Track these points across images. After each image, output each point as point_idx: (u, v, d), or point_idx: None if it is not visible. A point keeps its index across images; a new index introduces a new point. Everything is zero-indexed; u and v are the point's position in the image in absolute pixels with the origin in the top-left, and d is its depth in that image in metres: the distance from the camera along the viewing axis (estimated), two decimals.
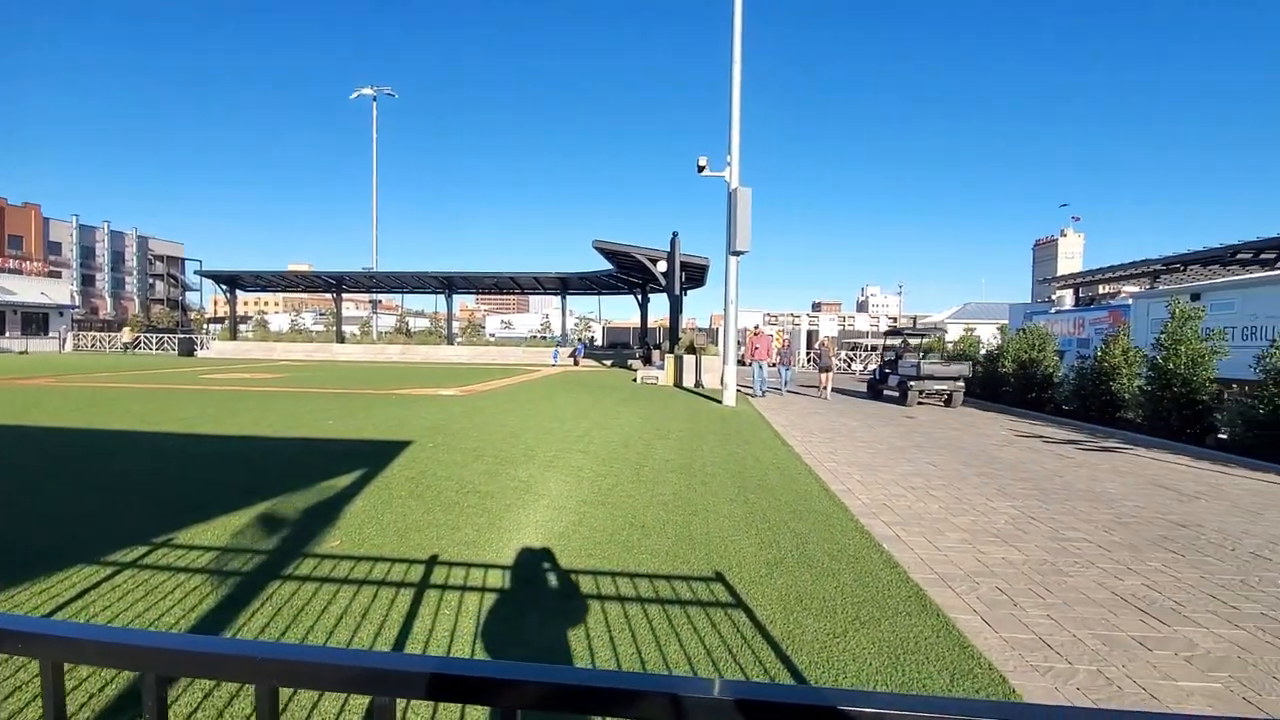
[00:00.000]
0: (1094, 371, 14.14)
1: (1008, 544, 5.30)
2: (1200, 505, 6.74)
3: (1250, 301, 12.17)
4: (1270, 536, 5.64)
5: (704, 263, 28.69)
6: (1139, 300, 16.24)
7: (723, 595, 3.99)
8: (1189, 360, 10.93)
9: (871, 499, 6.72)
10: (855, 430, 12.17)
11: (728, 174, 16.55)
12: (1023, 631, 3.66)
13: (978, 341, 23.97)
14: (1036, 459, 9.40)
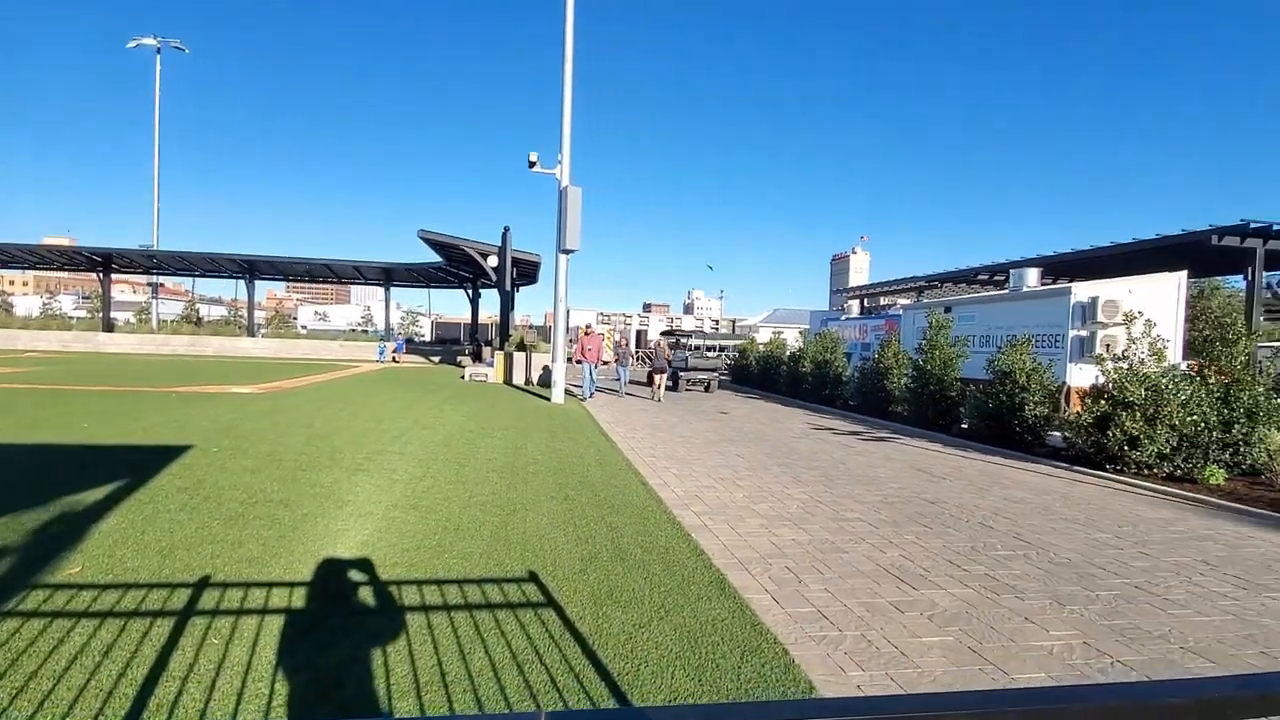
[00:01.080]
0: (873, 372, 16.06)
1: (798, 526, 5.81)
2: (946, 485, 7.91)
3: (985, 315, 14.55)
4: (993, 508, 6.76)
5: (535, 259, 28.38)
6: (907, 311, 18.72)
7: (535, 595, 3.93)
8: (941, 362, 12.81)
9: (685, 491, 7.05)
10: (675, 426, 12.72)
11: (559, 172, 16.51)
12: (805, 605, 4.02)
13: (784, 344, 26.24)
14: (826, 449, 10.46)
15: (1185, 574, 4.87)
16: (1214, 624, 3.96)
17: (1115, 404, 8.63)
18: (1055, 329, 12.08)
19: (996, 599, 4.25)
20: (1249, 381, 8.54)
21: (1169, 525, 6.32)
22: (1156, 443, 8.17)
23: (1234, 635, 3.81)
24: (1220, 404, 8.38)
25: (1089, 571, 4.85)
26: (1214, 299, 20.01)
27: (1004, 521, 6.24)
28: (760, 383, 23.90)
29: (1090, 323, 11.48)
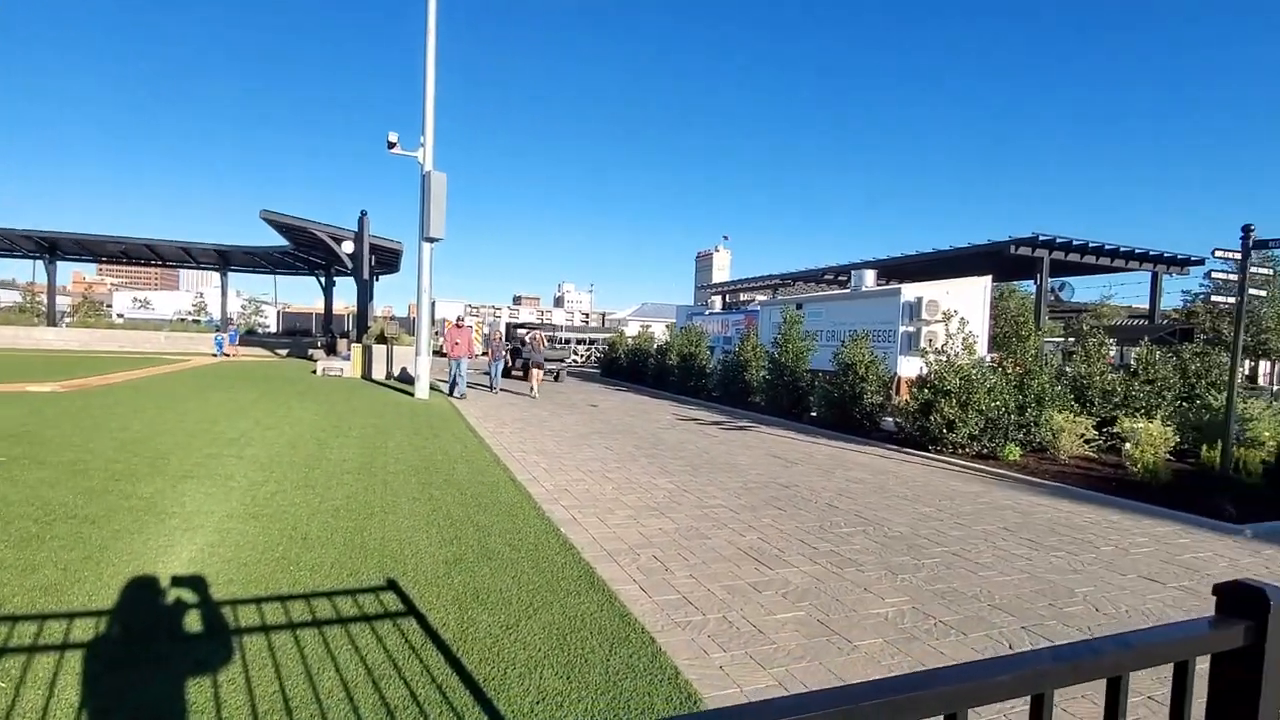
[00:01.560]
0: (734, 364, 16.85)
1: (665, 516, 5.96)
2: (798, 469, 8.48)
3: (831, 312, 15.79)
4: (838, 490, 7.34)
5: (396, 247, 26.81)
6: (764, 307, 19.87)
7: (394, 604, 3.71)
8: (794, 355, 13.71)
9: (555, 485, 6.98)
10: (545, 420, 12.58)
11: (421, 155, 15.67)
12: (671, 593, 4.12)
13: (652, 337, 26.83)
14: (692, 439, 10.82)
15: (991, 540, 5.57)
16: (1013, 582, 4.56)
17: (936, 392, 9.69)
18: (888, 325, 13.33)
19: (841, 573, 4.61)
20: (1038, 371, 9.93)
21: (978, 497, 7.20)
22: (968, 425, 9.28)
23: (1029, 591, 4.41)
24: (1016, 391, 9.67)
25: (916, 542, 5.41)
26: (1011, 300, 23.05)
27: (847, 501, 6.79)
28: (630, 375, 24.28)
29: (916, 320, 12.78)
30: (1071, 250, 16.70)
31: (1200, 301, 20.84)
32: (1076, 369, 11.47)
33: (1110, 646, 0.70)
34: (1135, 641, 0.71)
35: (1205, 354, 11.52)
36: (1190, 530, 6.14)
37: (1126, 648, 0.70)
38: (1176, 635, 0.74)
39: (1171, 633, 0.74)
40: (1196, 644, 0.75)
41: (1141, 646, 0.71)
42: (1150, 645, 0.72)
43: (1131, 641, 0.71)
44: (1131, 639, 0.72)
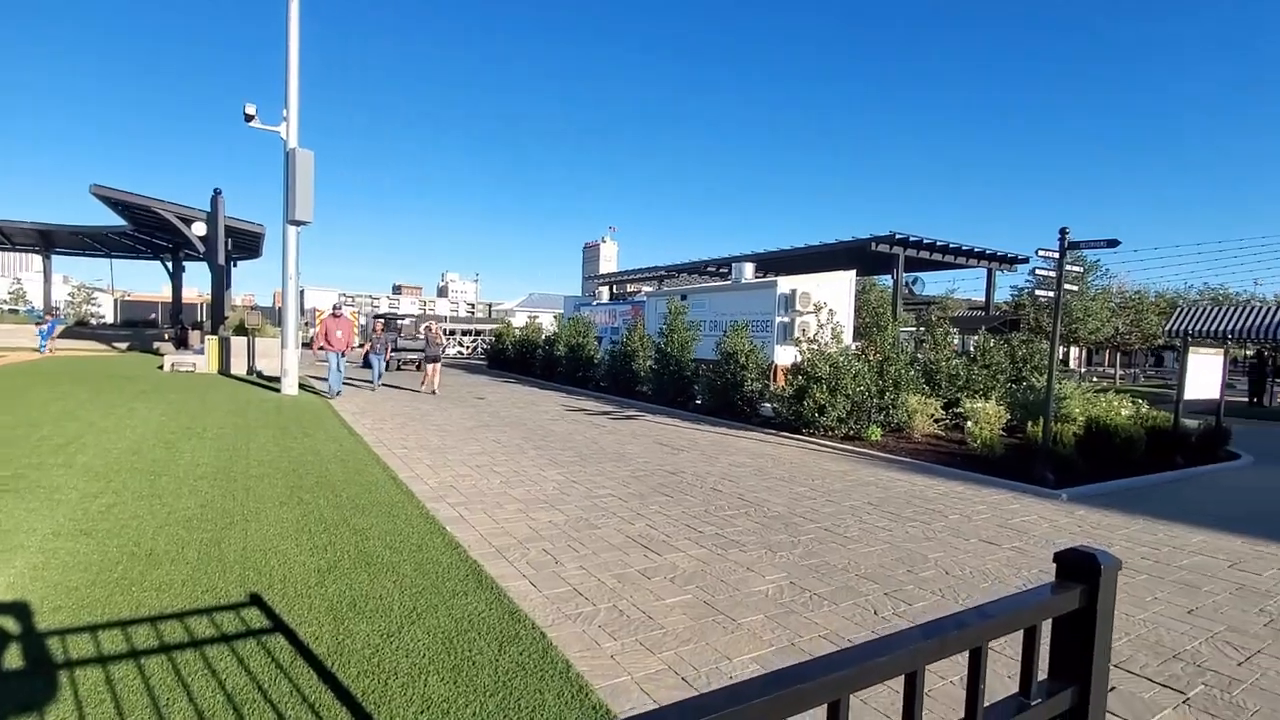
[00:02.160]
0: (621, 354, 16.98)
1: (554, 508, 5.89)
2: (684, 456, 8.70)
3: (714, 303, 16.31)
4: (722, 474, 7.61)
5: (257, 230, 24.57)
6: (650, 298, 20.17)
7: (259, 621, 3.39)
8: (679, 345, 14.03)
9: (439, 482, 6.70)
10: (429, 414, 12.06)
11: (284, 130, 14.41)
12: (561, 585, 4.08)
13: (540, 328, 26.47)
14: (580, 430, 10.79)
15: (858, 514, 5.99)
16: (877, 553, 4.93)
17: (809, 378, 10.28)
18: (766, 316, 13.95)
19: (725, 555, 4.77)
20: (895, 358, 10.80)
21: (846, 475, 7.73)
22: (837, 409, 9.93)
23: (890, 559, 4.79)
24: (877, 376, 10.47)
25: (793, 521, 5.71)
26: (872, 293, 24.93)
27: (730, 485, 7.05)
28: (517, 367, 23.82)
29: (791, 311, 13.48)
30: (923, 248, 18.31)
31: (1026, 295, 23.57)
32: (927, 356, 12.61)
33: (972, 619, 0.76)
34: (993, 612, 0.77)
35: (1030, 341, 13.07)
36: (1019, 497, 6.94)
37: (986, 619, 0.76)
38: (1028, 603, 0.81)
39: (1023, 601, 0.81)
40: (1043, 609, 0.82)
41: (999, 616, 0.77)
42: (1005, 614, 0.78)
43: (990, 612, 0.77)
44: (990, 610, 0.78)
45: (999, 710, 0.79)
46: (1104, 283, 26.91)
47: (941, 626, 0.75)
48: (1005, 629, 0.77)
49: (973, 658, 0.76)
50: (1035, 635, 0.82)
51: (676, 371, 14.20)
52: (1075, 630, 0.84)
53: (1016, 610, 0.79)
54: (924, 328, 17.80)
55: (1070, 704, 0.83)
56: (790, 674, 0.62)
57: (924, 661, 0.70)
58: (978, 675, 0.76)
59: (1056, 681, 0.84)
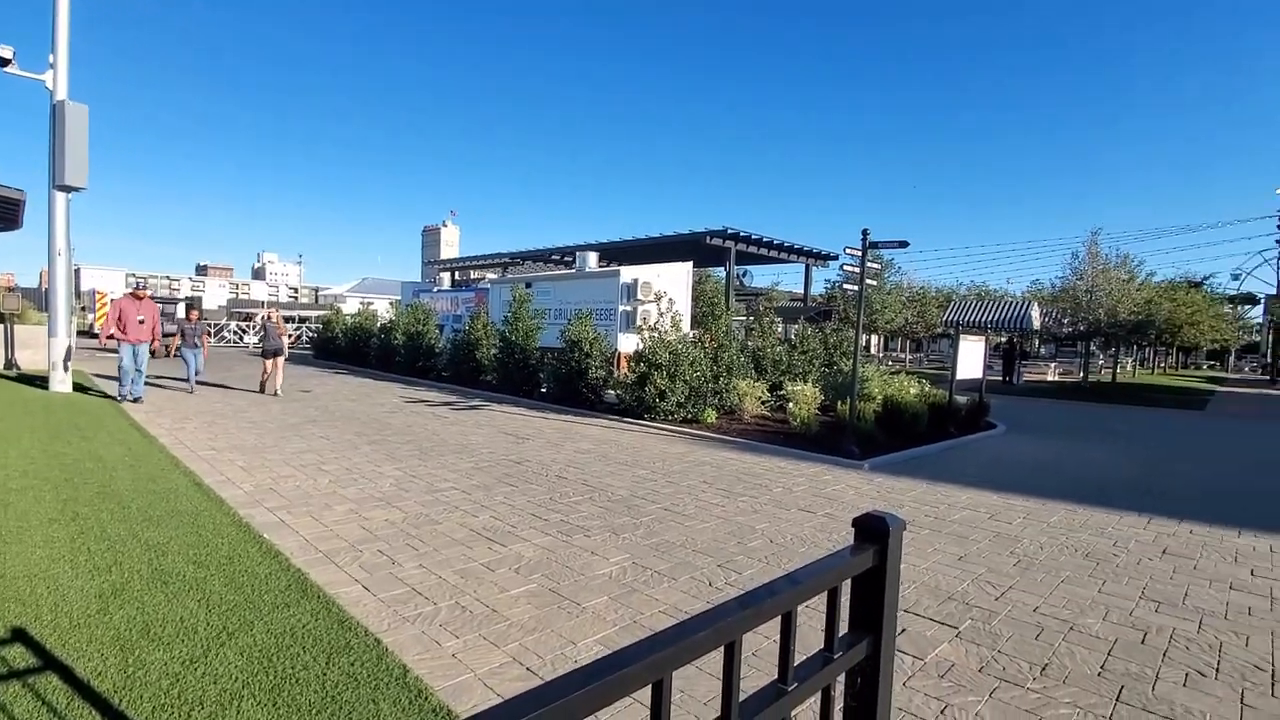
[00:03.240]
0: (464, 343, 16.36)
1: (391, 505, 5.54)
2: (530, 445, 8.59)
3: (558, 291, 16.24)
4: (567, 461, 7.62)
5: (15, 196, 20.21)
6: (494, 285, 19.60)
7: (24, 660, 2.82)
8: (524, 333, 13.81)
9: (256, 485, 6.02)
10: (244, 410, 10.77)
11: (51, 79, 11.99)
12: (399, 587, 3.85)
13: (375, 315, 24.66)
14: (421, 422, 10.24)
15: (694, 493, 6.31)
16: (711, 528, 5.23)
17: (650, 365, 10.62)
18: (609, 304, 14.17)
19: (570, 541, 4.79)
20: (728, 345, 11.50)
21: (684, 457, 8.11)
22: (676, 394, 10.37)
23: (723, 533, 5.10)
24: (712, 362, 11.07)
25: (635, 503, 5.88)
26: (707, 284, 26.29)
27: (575, 471, 7.09)
28: (349, 357, 22.04)
29: (633, 300, 13.81)
30: (751, 243, 19.65)
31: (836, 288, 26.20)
32: (755, 343, 13.57)
33: (784, 586, 0.82)
34: (801, 578, 0.84)
35: (839, 330, 14.57)
36: (831, 469, 7.73)
37: (795, 584, 0.83)
38: (830, 566, 0.89)
39: (827, 564, 0.89)
40: (843, 570, 0.91)
41: (806, 582, 0.85)
42: (812, 579, 0.86)
43: (799, 578, 0.84)
44: (798, 576, 0.85)
45: (808, 666, 0.87)
46: (897, 279, 30.74)
47: (756, 596, 0.80)
48: (812, 592, 0.85)
49: (784, 622, 0.83)
50: (837, 595, 0.91)
51: (522, 360, 13.96)
52: (870, 586, 0.94)
53: (821, 574, 0.88)
54: (753, 317, 19.15)
55: (867, 652, 0.94)
56: (609, 662, 0.63)
57: (741, 631, 0.75)
58: (789, 637, 0.83)
59: (856, 633, 0.95)
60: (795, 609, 0.83)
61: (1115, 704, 2.88)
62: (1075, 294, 21.71)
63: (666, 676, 0.66)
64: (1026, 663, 3.23)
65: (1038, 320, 23.81)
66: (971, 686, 2.99)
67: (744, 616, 0.75)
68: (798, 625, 0.88)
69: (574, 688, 0.57)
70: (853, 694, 0.97)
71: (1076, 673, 3.15)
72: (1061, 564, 4.69)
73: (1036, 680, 3.06)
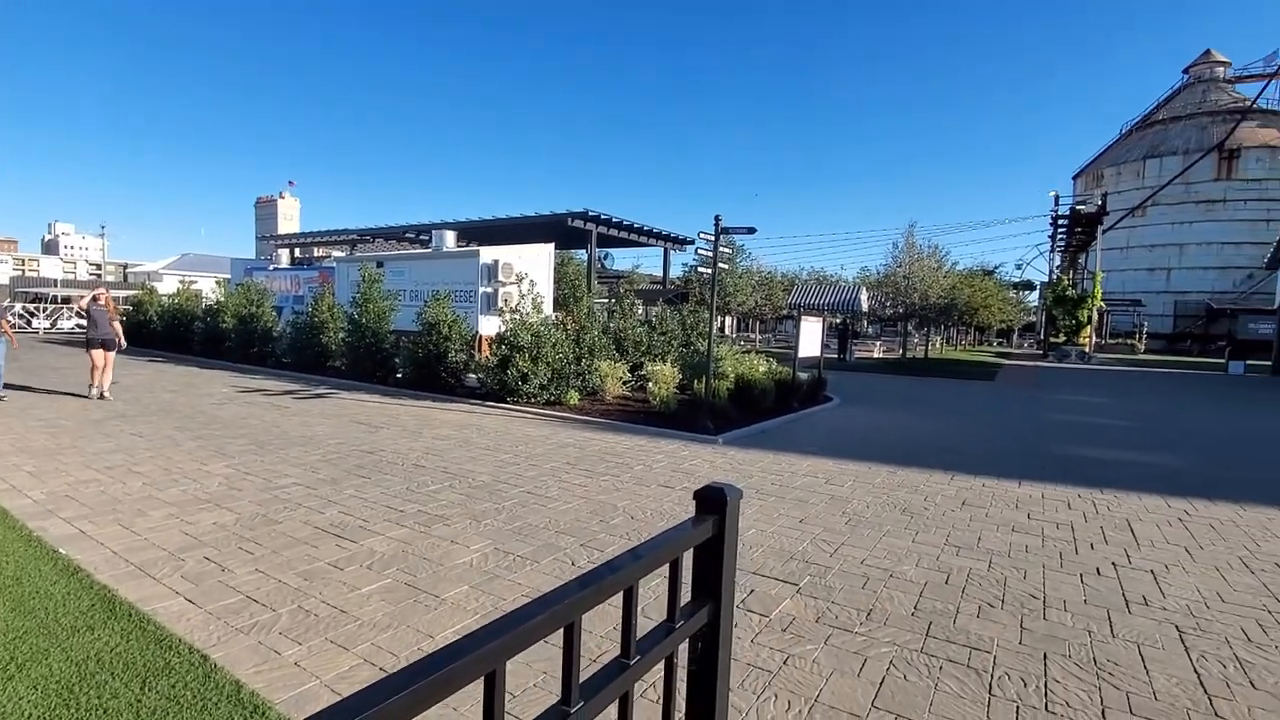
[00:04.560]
0: (308, 326, 15.00)
1: (221, 507, 4.98)
2: (384, 433, 8.10)
3: (414, 271, 15.35)
4: (426, 449, 7.29)
5: None
6: (341, 264, 18.09)
7: None
8: (376, 315, 12.94)
9: (48, 493, 5.14)
10: (31, 407, 9.13)
11: None
12: (230, 596, 3.48)
13: (198, 295, 21.84)
14: (257, 413, 9.28)
15: (557, 475, 6.30)
16: (574, 509, 5.26)
17: (512, 348, 10.41)
18: (469, 286, 13.65)
19: (428, 531, 4.60)
20: (590, 327, 11.55)
21: (548, 439, 8.07)
22: (539, 376, 10.26)
23: (585, 513, 5.15)
24: (575, 344, 11.08)
25: (497, 488, 5.76)
26: (570, 267, 26.19)
27: (434, 459, 6.80)
28: (166, 343, 19.41)
29: (494, 281, 13.41)
30: (612, 226, 19.80)
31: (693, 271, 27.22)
32: (616, 325, 13.76)
33: (626, 562, 0.84)
34: (644, 552, 0.87)
35: (695, 312, 15.16)
36: (689, 445, 8.07)
37: (636, 559, 0.85)
38: (672, 538, 0.93)
39: (669, 537, 0.93)
40: (685, 541, 0.95)
41: (648, 556, 0.87)
42: (654, 552, 0.89)
43: (641, 553, 0.86)
44: (641, 550, 0.87)
45: (650, 639, 0.90)
46: (748, 264, 32.55)
47: (598, 574, 0.81)
48: (654, 565, 0.88)
49: (626, 598, 0.85)
50: (678, 566, 0.95)
51: (374, 344, 13.08)
52: (710, 555, 1.00)
53: (663, 547, 0.91)
54: (614, 299, 19.37)
55: (708, 618, 0.99)
56: (439, 658, 0.61)
57: (579, 611, 0.76)
58: (631, 612, 0.85)
59: (698, 601, 1.00)
60: (636, 584, 0.86)
61: (925, 638, 3.30)
62: (895, 280, 24.29)
63: (500, 667, 0.65)
64: (855, 610, 3.60)
65: (866, 303, 26.38)
66: (810, 636, 3.28)
67: (583, 597, 0.76)
68: (644, 599, 0.91)
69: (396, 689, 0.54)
70: (694, 659, 1.02)
71: (895, 614, 3.56)
72: (884, 519, 5.27)
73: (863, 625, 3.43)
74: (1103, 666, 3.07)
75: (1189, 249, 53.05)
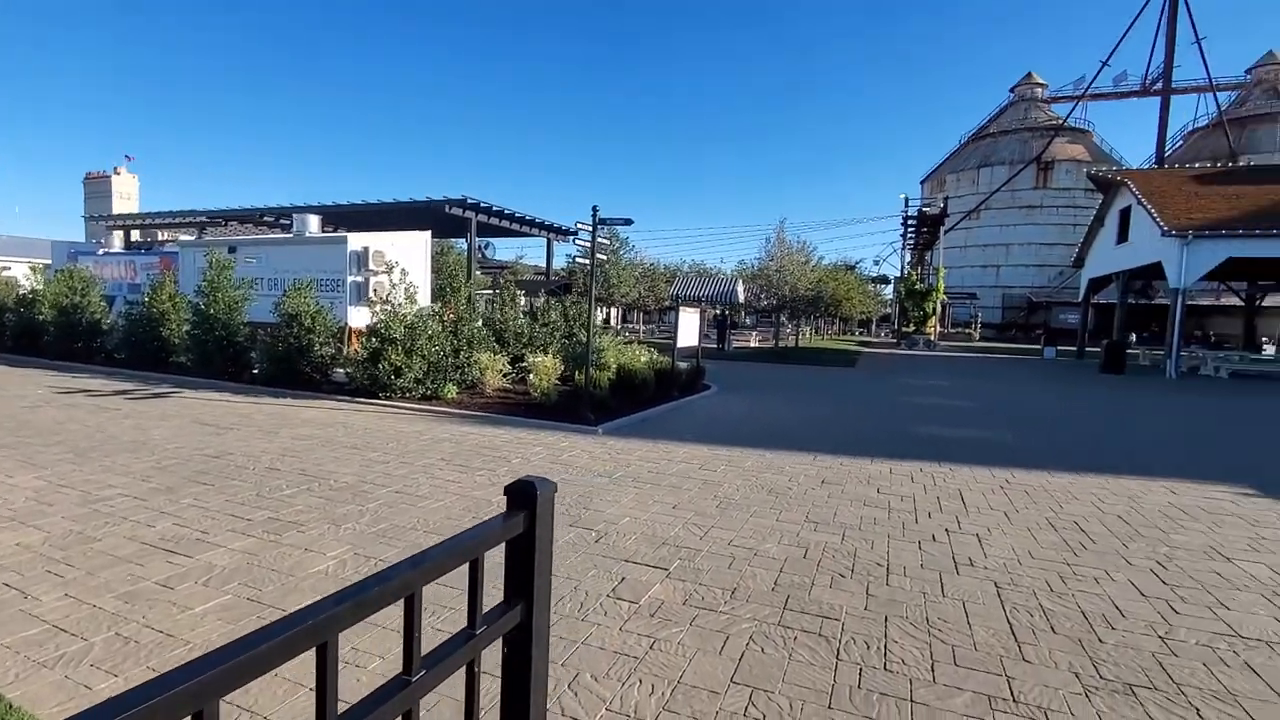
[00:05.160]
0: (145, 318, 13.32)
1: (25, 525, 4.30)
2: (233, 435, 7.36)
3: (273, 257, 14.03)
4: (282, 450, 6.70)
5: None
6: (185, 249, 16.19)
7: None
8: (227, 306, 11.72)
9: None
10: None
11: None
12: (33, 627, 3.01)
13: (11, 283, 18.72)
14: (79, 417, 8.11)
15: (430, 472, 6.03)
16: (445, 506, 5.05)
17: (384, 341, 9.82)
18: (336, 274, 12.71)
19: (279, 539, 4.22)
20: (469, 318, 11.16)
21: (422, 435, 7.70)
22: (414, 370, 9.77)
23: (458, 510, 4.96)
24: (452, 336, 10.65)
25: (362, 489, 5.41)
26: (449, 256, 25.19)
27: (291, 461, 6.27)
28: None
29: (364, 270, 12.58)
30: (493, 215, 19.18)
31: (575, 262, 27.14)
32: (497, 315, 13.40)
33: (403, 570, 0.78)
34: (432, 556, 0.81)
35: (578, 303, 15.09)
36: (569, 435, 8.02)
37: (418, 566, 0.79)
38: (471, 538, 0.88)
39: (469, 536, 0.88)
40: (489, 540, 0.90)
41: (435, 559, 0.81)
42: (445, 555, 0.83)
43: (425, 559, 0.80)
44: (429, 554, 0.81)
45: (445, 648, 0.84)
46: (632, 256, 32.91)
47: (362, 587, 0.74)
48: (441, 571, 0.83)
49: (408, 605, 0.79)
50: (479, 566, 0.90)
51: (225, 337, 11.84)
52: (522, 553, 0.96)
53: (461, 546, 0.86)
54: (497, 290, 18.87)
55: (520, 619, 0.95)
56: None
57: (336, 630, 0.69)
58: (413, 622, 0.79)
59: (510, 601, 0.96)
60: (419, 590, 0.79)
61: (783, 611, 3.49)
62: (769, 273, 25.54)
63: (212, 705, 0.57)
64: (720, 589, 3.73)
65: (742, 295, 27.53)
66: (676, 619, 3.36)
67: (340, 613, 0.69)
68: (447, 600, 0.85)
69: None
70: (506, 662, 0.98)
71: (757, 591, 3.73)
72: (752, 501, 5.52)
73: (727, 604, 3.56)
74: (934, 624, 3.39)
75: (1014, 248, 60.14)
